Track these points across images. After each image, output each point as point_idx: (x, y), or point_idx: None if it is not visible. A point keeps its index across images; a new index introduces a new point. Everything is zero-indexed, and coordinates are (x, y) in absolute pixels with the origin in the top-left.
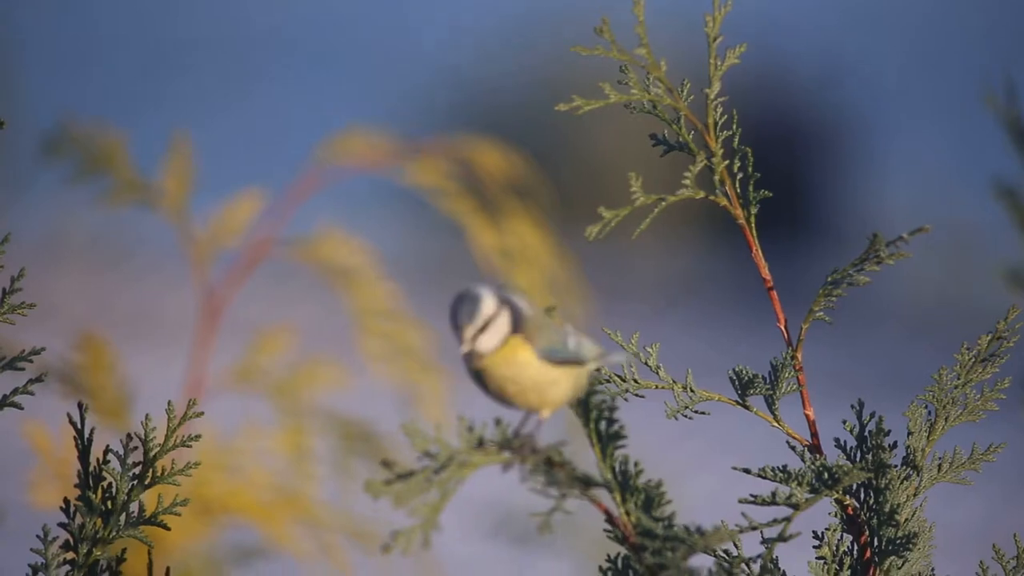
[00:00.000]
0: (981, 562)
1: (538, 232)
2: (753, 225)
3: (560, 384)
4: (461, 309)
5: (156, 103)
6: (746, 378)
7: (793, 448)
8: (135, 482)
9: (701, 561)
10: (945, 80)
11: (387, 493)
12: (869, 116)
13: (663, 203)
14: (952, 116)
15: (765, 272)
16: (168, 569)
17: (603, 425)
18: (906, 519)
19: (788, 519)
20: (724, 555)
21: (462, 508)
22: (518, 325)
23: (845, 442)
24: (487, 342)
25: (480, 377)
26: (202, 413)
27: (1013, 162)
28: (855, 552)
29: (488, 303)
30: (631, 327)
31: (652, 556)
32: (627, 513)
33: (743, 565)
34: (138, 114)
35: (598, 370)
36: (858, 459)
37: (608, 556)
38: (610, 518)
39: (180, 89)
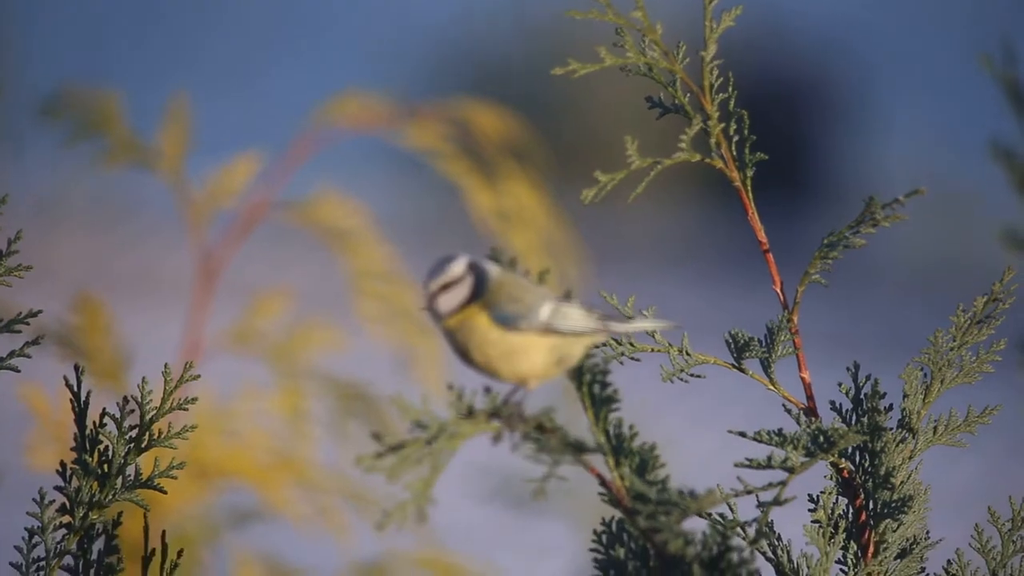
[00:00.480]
0: (976, 525)
1: (534, 193)
2: (749, 188)
3: (530, 354)
4: (430, 269)
5: (153, 66)
6: (742, 341)
7: (789, 411)
8: (131, 445)
9: (695, 524)
10: (946, 41)
11: (378, 467)
12: (869, 76)
13: (659, 166)
14: (953, 77)
15: (761, 235)
16: (164, 532)
17: (596, 388)
18: (901, 482)
19: (783, 483)
20: (719, 518)
21: (459, 472)
22: (480, 292)
23: (841, 405)
24: (446, 303)
25: (450, 342)
26: (198, 376)
27: (1011, 123)
28: (850, 515)
29: (457, 267)
30: (627, 288)
31: (646, 520)
32: (621, 477)
33: (738, 529)
34: (136, 77)
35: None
36: (854, 422)
37: (603, 519)
38: (603, 482)
39: (178, 52)
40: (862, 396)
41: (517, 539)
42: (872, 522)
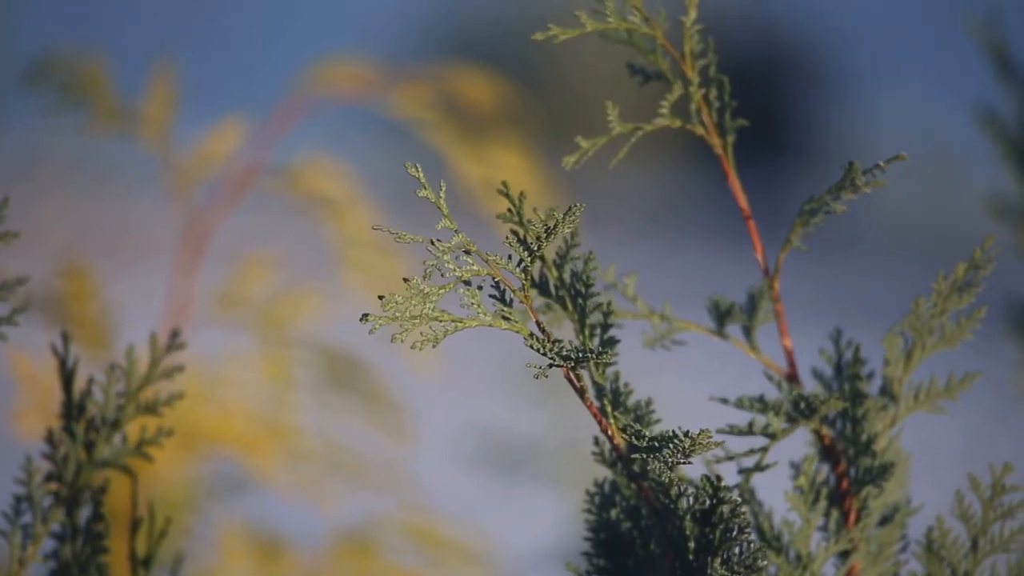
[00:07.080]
0: (958, 491)
1: (523, 161)
2: (731, 154)
3: None
4: None
5: (137, 28)
6: (724, 307)
7: (770, 378)
8: (118, 413)
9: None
10: (930, 3)
11: (383, 320)
12: (852, 41)
13: (639, 132)
14: (938, 40)
15: (742, 202)
16: (151, 502)
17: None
18: (883, 449)
19: (765, 449)
20: (706, 479)
21: (446, 437)
22: None
23: (822, 372)
24: None
25: None
26: (185, 345)
27: (996, 89)
28: (832, 482)
29: None
30: (609, 252)
31: (638, 458)
32: (615, 419)
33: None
34: (120, 39)
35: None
36: (835, 389)
37: (595, 480)
38: (596, 418)
39: (159, 14)
40: (843, 363)
41: (504, 506)
42: (854, 489)
